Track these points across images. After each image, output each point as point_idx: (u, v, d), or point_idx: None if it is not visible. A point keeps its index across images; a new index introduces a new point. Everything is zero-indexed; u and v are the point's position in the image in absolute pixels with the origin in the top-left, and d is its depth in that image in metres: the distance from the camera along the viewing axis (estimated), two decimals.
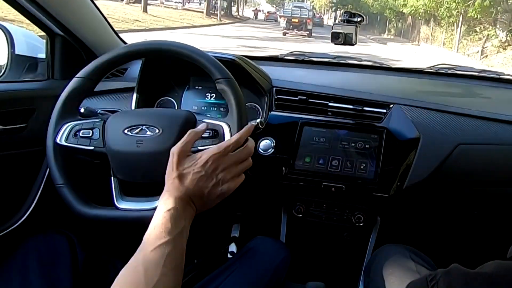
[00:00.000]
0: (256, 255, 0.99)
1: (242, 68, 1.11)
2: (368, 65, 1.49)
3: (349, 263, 1.30)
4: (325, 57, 1.53)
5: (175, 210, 0.64)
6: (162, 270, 0.58)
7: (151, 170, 0.82)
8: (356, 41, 1.19)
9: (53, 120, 0.87)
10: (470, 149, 1.10)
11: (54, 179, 0.84)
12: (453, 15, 14.71)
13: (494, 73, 1.41)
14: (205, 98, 1.24)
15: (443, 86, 1.38)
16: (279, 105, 1.19)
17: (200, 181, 0.68)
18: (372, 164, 1.10)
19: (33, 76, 1.25)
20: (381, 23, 30.32)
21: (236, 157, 0.72)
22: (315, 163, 1.12)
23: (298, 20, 20.66)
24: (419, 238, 1.28)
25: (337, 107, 1.17)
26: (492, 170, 1.12)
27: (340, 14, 1.25)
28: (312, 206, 1.23)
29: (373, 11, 27.39)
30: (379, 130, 1.13)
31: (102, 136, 0.86)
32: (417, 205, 1.21)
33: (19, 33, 1.22)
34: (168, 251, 0.59)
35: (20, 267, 0.82)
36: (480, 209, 1.25)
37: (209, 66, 0.85)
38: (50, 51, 1.23)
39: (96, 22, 1.29)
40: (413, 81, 1.40)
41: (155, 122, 0.84)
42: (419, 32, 21.94)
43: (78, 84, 0.88)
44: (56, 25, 1.17)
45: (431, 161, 1.09)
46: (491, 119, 1.13)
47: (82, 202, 0.83)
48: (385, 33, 28.81)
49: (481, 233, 1.41)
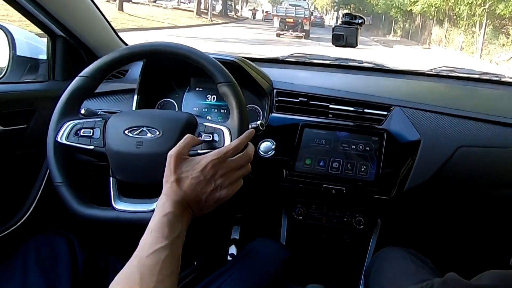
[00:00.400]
0: (256, 257, 0.98)
1: (243, 70, 1.11)
2: (369, 67, 1.49)
3: (349, 265, 1.30)
4: (326, 59, 1.53)
5: (172, 215, 0.63)
6: (158, 276, 0.56)
7: (150, 171, 0.82)
8: (358, 43, 1.19)
9: (55, 118, 0.87)
10: (471, 151, 1.10)
11: (53, 177, 0.84)
12: (476, 14, 12.58)
13: (495, 75, 1.41)
14: (206, 99, 1.24)
15: (444, 88, 1.38)
16: (279, 107, 1.19)
17: (198, 186, 0.67)
18: (372, 167, 1.10)
19: (34, 77, 1.25)
20: (386, 24, 27.62)
21: (235, 163, 0.72)
22: (316, 165, 1.12)
23: (293, 20, 18.38)
24: (419, 240, 1.28)
25: (337, 109, 1.17)
26: (493, 173, 1.12)
27: (342, 15, 1.25)
28: (313, 208, 1.23)
29: (377, 11, 25.23)
30: (380, 132, 1.12)
31: (103, 136, 0.86)
32: (417, 207, 1.20)
33: (20, 34, 1.22)
34: (164, 257, 0.58)
35: (20, 267, 0.82)
36: (481, 212, 1.25)
37: (212, 69, 0.85)
38: (51, 52, 1.23)
39: (97, 23, 1.30)
40: (414, 83, 1.40)
41: (156, 124, 0.84)
42: (430, 34, 19.60)
43: (81, 83, 0.88)
44: (57, 26, 1.17)
45: (431, 164, 1.09)
46: (492, 121, 1.13)
47: (80, 201, 0.83)
48: (390, 35, 26.15)
49: (482, 236, 1.40)
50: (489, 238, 1.40)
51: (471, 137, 1.11)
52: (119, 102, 1.23)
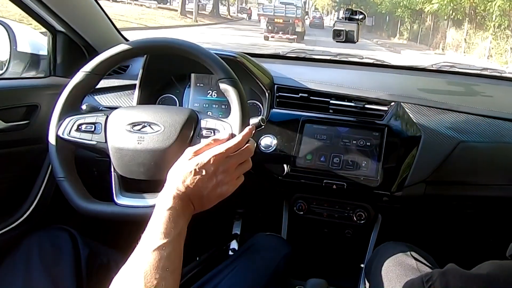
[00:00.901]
0: (258, 252, 0.99)
1: (244, 66, 1.11)
2: (369, 62, 1.49)
3: (350, 260, 1.31)
4: (327, 54, 1.53)
5: (174, 210, 0.63)
6: (160, 274, 0.56)
7: (152, 167, 0.82)
8: (358, 38, 1.19)
9: (56, 114, 0.87)
10: (471, 147, 1.10)
11: (55, 173, 0.84)
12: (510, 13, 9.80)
13: (496, 71, 1.41)
14: (207, 95, 1.24)
15: (444, 83, 1.38)
16: (280, 103, 1.20)
17: (200, 181, 0.67)
18: (373, 162, 1.10)
19: (35, 73, 1.25)
20: (390, 25, 24.89)
21: (236, 159, 0.72)
22: (317, 160, 1.12)
23: (282, 20, 15.46)
24: (420, 235, 1.28)
25: (338, 105, 1.17)
26: (494, 168, 1.12)
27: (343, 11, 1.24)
28: (314, 204, 1.23)
29: (381, 10, 22.70)
30: (381, 128, 1.13)
31: (104, 131, 0.86)
32: (418, 203, 1.21)
33: (20, 30, 1.22)
34: (167, 254, 0.58)
35: (23, 263, 0.82)
36: (482, 208, 1.25)
37: (214, 65, 0.85)
38: (52, 48, 1.23)
39: (98, 19, 1.29)
40: (414, 79, 1.40)
41: (158, 120, 0.84)
42: (444, 37, 16.66)
43: (83, 78, 0.88)
44: (58, 22, 1.17)
45: (432, 159, 1.09)
46: (492, 117, 1.13)
47: (82, 196, 0.83)
48: (395, 37, 23.11)
49: (482, 231, 1.41)
50: (489, 233, 1.41)
51: (471, 133, 1.11)
52: (120, 97, 1.23)
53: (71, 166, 0.86)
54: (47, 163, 1.17)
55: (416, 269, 0.86)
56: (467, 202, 1.22)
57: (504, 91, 1.35)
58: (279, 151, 1.13)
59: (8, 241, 1.04)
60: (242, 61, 1.11)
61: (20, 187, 1.15)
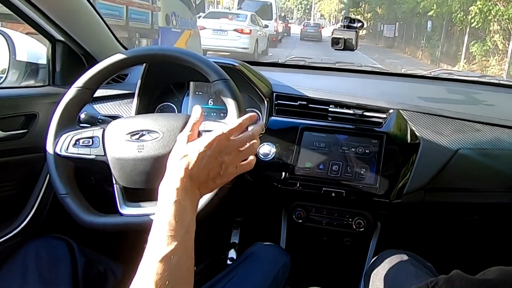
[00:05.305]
0: (256, 261, 0.98)
1: (243, 74, 1.12)
2: (368, 70, 1.49)
3: (349, 268, 1.30)
4: (325, 62, 1.54)
5: (179, 204, 0.61)
6: (173, 280, 0.54)
7: (154, 174, 0.82)
8: (357, 46, 1.20)
9: (52, 131, 0.87)
10: (470, 154, 1.10)
11: (57, 190, 0.84)
12: None
13: (494, 78, 1.42)
14: (206, 103, 1.25)
15: (443, 91, 1.38)
16: (279, 110, 1.20)
17: (206, 161, 0.66)
18: (372, 169, 1.10)
19: (33, 82, 1.25)
20: (434, 38, 13.81)
21: (239, 142, 0.71)
22: (315, 168, 1.12)
23: None
24: (419, 243, 1.27)
25: (337, 112, 1.17)
26: (492, 175, 1.12)
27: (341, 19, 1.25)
28: (312, 211, 1.23)
29: (418, 11, 13.97)
30: (379, 135, 1.13)
31: (102, 144, 0.86)
32: (417, 210, 1.20)
33: (19, 39, 1.23)
34: (177, 260, 0.56)
35: (19, 272, 0.82)
36: (481, 214, 1.25)
37: (206, 68, 0.85)
38: (51, 57, 1.24)
39: (97, 28, 1.30)
40: (413, 86, 1.41)
41: (156, 127, 0.84)
42: None
43: (76, 94, 0.88)
44: (57, 31, 1.17)
45: (431, 166, 1.09)
46: (491, 124, 1.14)
47: (86, 211, 0.83)
48: (457, 64, 11.39)
49: (482, 239, 1.40)
50: (490, 241, 1.40)
51: (470, 140, 1.11)
52: (119, 106, 1.23)
53: (72, 182, 0.86)
54: (45, 172, 1.16)
55: (416, 277, 0.85)
56: (466, 209, 1.21)
57: (502, 98, 1.35)
58: (277, 159, 1.12)
59: (5, 250, 1.03)
60: (241, 69, 1.12)
61: (18, 196, 1.14)
